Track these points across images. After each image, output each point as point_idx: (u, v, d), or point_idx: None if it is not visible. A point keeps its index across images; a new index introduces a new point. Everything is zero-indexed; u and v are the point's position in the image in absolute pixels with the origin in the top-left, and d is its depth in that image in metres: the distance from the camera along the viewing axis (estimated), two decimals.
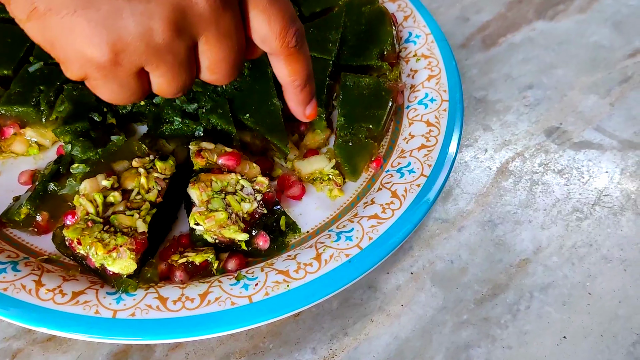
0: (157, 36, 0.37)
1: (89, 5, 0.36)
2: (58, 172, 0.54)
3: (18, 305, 0.46)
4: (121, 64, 0.38)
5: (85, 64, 0.38)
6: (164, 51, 0.38)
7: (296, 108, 0.50)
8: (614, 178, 0.65)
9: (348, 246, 0.51)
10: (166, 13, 0.37)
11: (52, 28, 0.37)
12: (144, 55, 0.38)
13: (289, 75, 0.46)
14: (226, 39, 0.40)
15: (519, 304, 0.55)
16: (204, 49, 0.40)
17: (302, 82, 0.46)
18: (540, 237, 0.60)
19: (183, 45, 0.39)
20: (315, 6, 0.68)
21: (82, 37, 0.37)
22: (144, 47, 0.37)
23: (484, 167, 0.65)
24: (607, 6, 0.83)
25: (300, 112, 0.50)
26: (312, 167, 0.58)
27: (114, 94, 0.40)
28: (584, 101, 0.72)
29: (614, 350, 0.52)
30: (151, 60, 0.38)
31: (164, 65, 0.39)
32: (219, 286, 0.48)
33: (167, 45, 0.38)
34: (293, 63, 0.45)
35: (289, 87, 0.47)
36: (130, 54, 0.37)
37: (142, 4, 0.36)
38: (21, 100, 0.56)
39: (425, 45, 0.67)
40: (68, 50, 0.38)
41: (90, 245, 0.47)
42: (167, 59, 0.39)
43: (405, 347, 0.52)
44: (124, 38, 0.37)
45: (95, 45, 0.37)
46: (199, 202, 0.51)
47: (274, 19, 0.41)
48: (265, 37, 0.42)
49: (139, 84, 0.40)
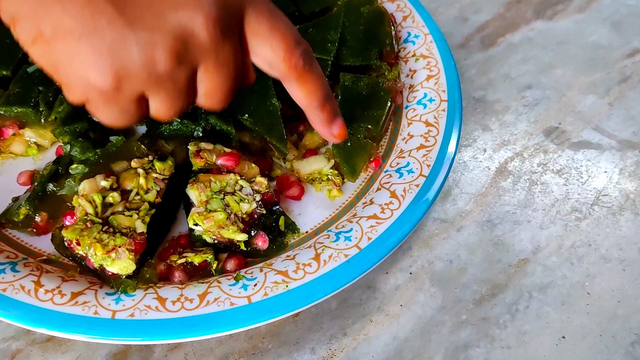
0: (159, 65, 0.38)
1: (94, 32, 0.37)
2: (57, 173, 0.54)
3: (17, 306, 0.46)
4: (123, 90, 0.39)
5: (87, 89, 0.39)
6: (165, 79, 0.39)
7: (322, 130, 0.49)
8: (612, 178, 0.65)
9: (347, 246, 0.51)
10: (169, 43, 0.38)
11: (56, 53, 0.38)
12: (146, 83, 0.39)
13: (305, 98, 0.45)
14: (224, 68, 0.41)
15: (517, 304, 0.55)
16: (202, 77, 0.41)
17: (320, 101, 0.46)
18: (539, 237, 0.60)
19: (183, 73, 0.39)
20: (314, 6, 0.68)
21: (86, 63, 0.37)
22: (146, 75, 0.38)
23: (483, 167, 0.65)
24: (606, 6, 0.83)
25: (327, 134, 0.49)
26: (311, 167, 0.58)
27: (113, 118, 0.41)
28: (582, 101, 0.72)
29: (613, 350, 0.53)
30: (152, 88, 0.39)
31: (164, 92, 0.40)
32: (218, 286, 0.49)
33: (168, 74, 0.39)
34: (306, 84, 0.44)
35: (308, 109, 0.47)
36: (132, 81, 0.38)
37: (147, 33, 0.37)
38: (20, 100, 0.56)
39: (424, 45, 0.67)
40: (71, 74, 0.38)
41: (89, 246, 0.47)
42: (167, 87, 0.39)
43: (404, 347, 0.52)
44: (127, 66, 0.37)
45: (99, 72, 0.37)
46: (198, 203, 0.51)
47: (277, 44, 0.42)
48: (272, 62, 0.43)
49: (138, 108, 0.41)
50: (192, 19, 0.38)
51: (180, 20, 0.38)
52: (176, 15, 0.38)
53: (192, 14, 0.38)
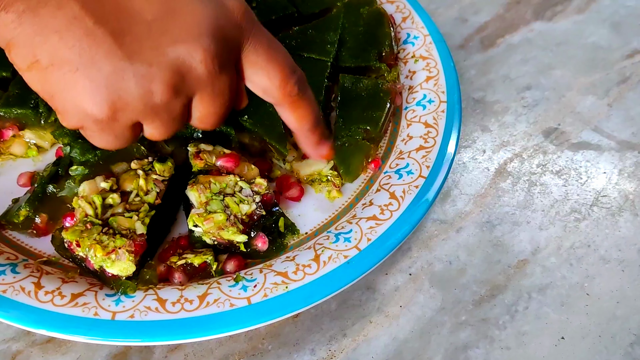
0: (156, 97, 0.38)
1: (91, 64, 0.37)
2: (57, 174, 0.54)
3: (17, 307, 0.46)
4: (118, 120, 0.39)
5: (83, 118, 0.39)
6: (161, 110, 0.39)
7: (310, 151, 0.52)
8: (612, 179, 0.65)
9: (347, 247, 0.51)
10: (167, 77, 0.38)
11: (52, 82, 0.38)
12: (142, 113, 0.39)
13: (296, 122, 0.47)
14: (219, 98, 0.41)
15: (517, 305, 0.55)
16: (197, 105, 0.42)
17: (311, 125, 0.48)
18: (538, 238, 0.60)
19: (179, 103, 0.40)
20: (313, 7, 0.68)
21: (82, 94, 0.37)
22: (142, 106, 0.39)
23: (482, 168, 0.66)
24: (605, 7, 0.83)
25: (314, 154, 0.52)
26: (311, 168, 0.59)
27: (108, 143, 0.42)
28: (582, 102, 0.72)
29: (612, 351, 0.53)
30: (147, 117, 0.40)
31: (159, 121, 0.40)
32: (218, 288, 0.49)
33: (164, 105, 0.39)
34: (298, 109, 0.46)
35: (298, 132, 0.49)
36: (129, 112, 0.39)
37: (145, 67, 0.37)
38: (20, 102, 0.56)
39: (424, 46, 0.67)
40: (67, 104, 0.38)
41: (89, 247, 0.47)
42: (162, 116, 0.40)
43: (404, 348, 0.52)
44: (124, 98, 0.38)
45: (96, 104, 0.38)
46: (198, 204, 0.51)
47: (273, 74, 0.43)
48: (267, 90, 0.44)
49: (132, 134, 0.41)
50: (190, 54, 0.38)
51: (178, 55, 0.38)
52: (175, 50, 0.38)
53: (191, 50, 0.38)
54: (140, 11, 0.38)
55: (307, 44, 0.63)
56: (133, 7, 0.38)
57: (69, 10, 0.36)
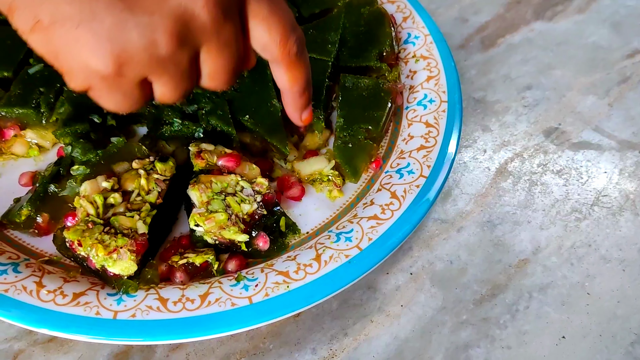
0: (160, 48, 0.38)
1: (93, 18, 0.36)
2: (58, 174, 0.54)
3: (19, 307, 0.46)
4: (125, 75, 0.38)
5: (89, 76, 0.38)
6: (167, 62, 0.39)
7: (293, 113, 0.50)
8: (612, 178, 0.65)
9: (348, 247, 0.51)
10: (169, 25, 0.37)
11: (56, 40, 0.37)
12: (148, 66, 0.38)
13: (288, 82, 0.46)
14: (226, 49, 0.41)
15: (518, 304, 0.55)
16: (205, 58, 0.41)
17: (301, 88, 0.47)
18: (539, 238, 0.60)
19: (185, 55, 0.39)
20: (314, 7, 0.68)
21: (86, 49, 0.37)
22: (147, 58, 0.38)
23: (483, 168, 0.66)
24: (606, 7, 0.83)
25: (296, 117, 0.51)
26: (312, 168, 0.59)
27: (117, 103, 0.41)
28: (582, 102, 0.72)
29: (613, 350, 0.53)
30: (155, 71, 0.39)
31: (167, 75, 0.40)
32: (219, 287, 0.49)
33: (170, 56, 0.38)
34: (293, 70, 0.45)
35: (288, 93, 0.48)
36: (134, 66, 0.38)
37: (146, 16, 0.37)
38: (21, 102, 0.56)
39: (424, 46, 0.67)
40: (72, 62, 0.38)
41: (90, 247, 0.47)
42: (170, 69, 0.39)
43: (405, 347, 0.52)
44: (128, 50, 0.37)
45: (100, 58, 0.37)
46: (199, 204, 0.51)
47: (274, 28, 0.42)
48: (266, 45, 0.43)
49: (141, 93, 0.40)
50: (192, 1, 0.38)
51: (180, 2, 0.37)
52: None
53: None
54: None
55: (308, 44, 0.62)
56: None
57: None
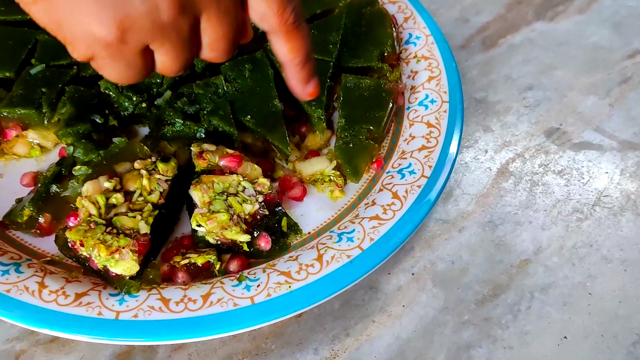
0: (162, 14, 0.38)
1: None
2: (60, 174, 0.54)
3: (21, 307, 0.46)
4: (128, 42, 0.39)
5: (92, 43, 0.39)
6: (168, 28, 0.39)
7: (296, 86, 0.49)
8: (613, 179, 0.65)
9: (349, 247, 0.51)
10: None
11: (58, 9, 0.38)
12: (150, 33, 0.39)
13: (288, 53, 0.45)
14: (226, 17, 0.41)
15: (519, 305, 0.55)
16: (205, 27, 0.41)
17: (302, 59, 0.46)
18: (540, 238, 0.60)
19: (186, 22, 0.40)
20: (315, 8, 0.68)
21: (89, 16, 0.37)
22: (150, 24, 0.38)
23: (485, 168, 0.66)
24: (606, 7, 0.83)
25: (300, 91, 0.49)
26: (313, 168, 0.59)
27: (120, 73, 0.41)
28: (583, 102, 0.72)
29: (615, 350, 0.53)
30: (157, 38, 0.39)
31: (169, 43, 0.40)
32: (221, 287, 0.49)
33: (171, 23, 0.39)
34: (292, 40, 0.45)
35: (288, 65, 0.47)
36: (137, 32, 0.38)
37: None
38: (23, 102, 0.56)
39: (426, 46, 0.67)
40: (75, 29, 0.38)
41: (92, 247, 0.47)
42: (171, 37, 0.40)
43: (407, 347, 0.52)
44: (131, 16, 0.37)
45: (103, 24, 0.37)
46: (201, 204, 0.51)
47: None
48: (264, 14, 0.43)
49: (144, 62, 0.41)
50: None
51: None
52: None
53: None
54: None
55: None
56: None
57: None
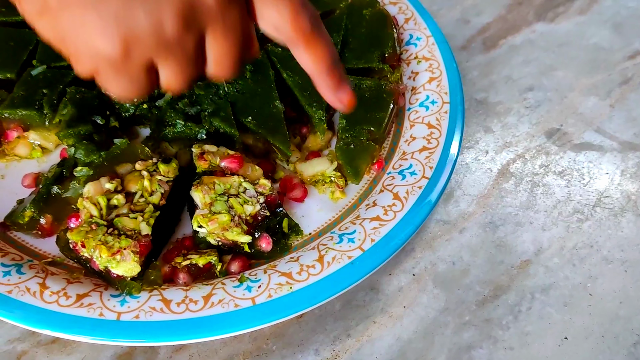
0: (167, 30, 0.38)
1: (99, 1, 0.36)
2: (61, 175, 0.54)
3: (23, 308, 0.46)
4: (132, 58, 0.38)
5: (96, 59, 0.38)
6: (173, 45, 0.39)
7: (328, 96, 0.46)
8: (614, 179, 0.65)
9: (350, 248, 0.51)
10: (176, 7, 0.37)
11: (63, 23, 0.37)
12: (155, 49, 0.38)
13: (312, 63, 0.43)
14: (232, 33, 0.40)
15: (520, 305, 0.55)
16: (210, 43, 0.40)
17: (328, 66, 0.44)
18: (541, 239, 0.60)
19: (192, 38, 0.39)
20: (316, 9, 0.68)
21: (93, 31, 0.37)
22: (154, 40, 0.38)
23: (485, 169, 0.66)
24: (607, 8, 0.83)
25: (333, 100, 0.46)
26: (314, 169, 0.59)
27: (123, 89, 0.41)
28: (584, 103, 0.72)
29: (615, 351, 0.53)
30: (161, 54, 0.39)
31: (173, 59, 0.39)
32: (222, 288, 0.49)
33: (176, 39, 0.38)
34: (313, 48, 0.42)
35: (315, 75, 0.45)
36: (141, 48, 0.38)
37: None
38: (24, 103, 0.56)
39: (426, 47, 0.67)
40: (79, 44, 0.38)
41: (94, 248, 0.47)
42: (176, 53, 0.39)
43: (408, 348, 0.52)
44: (135, 32, 0.37)
45: (107, 39, 0.37)
46: (202, 205, 0.51)
47: (282, 6, 0.41)
48: (278, 25, 0.42)
49: (148, 78, 0.40)
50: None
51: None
52: None
53: None
54: None
55: None
56: None
57: None
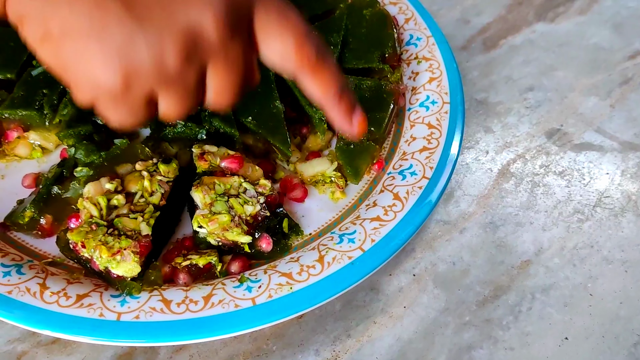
0: (169, 64, 0.38)
1: (102, 31, 0.36)
2: (62, 176, 0.54)
3: (23, 308, 0.46)
4: (132, 90, 0.38)
5: (96, 89, 0.38)
6: (174, 78, 0.38)
7: (341, 124, 0.45)
8: (614, 179, 0.65)
9: (351, 248, 0.51)
10: (179, 42, 0.37)
11: (65, 53, 0.37)
12: (155, 82, 0.38)
13: (320, 91, 0.43)
14: (233, 66, 0.40)
15: (520, 306, 0.55)
16: (211, 76, 0.40)
17: (335, 93, 0.43)
18: (541, 239, 0.60)
19: (192, 72, 0.39)
20: (316, 9, 0.68)
21: (94, 62, 0.37)
22: (155, 74, 0.38)
23: (485, 169, 0.66)
24: (607, 8, 0.83)
25: (346, 127, 0.46)
26: (315, 169, 0.59)
27: (122, 118, 0.41)
28: (584, 103, 0.72)
29: (616, 351, 0.53)
30: (162, 87, 0.39)
31: (173, 91, 0.39)
32: (223, 288, 0.49)
33: (177, 73, 0.38)
34: (319, 76, 0.42)
35: (324, 103, 0.44)
36: (142, 81, 0.38)
37: (156, 32, 0.37)
38: (24, 103, 0.56)
39: (427, 47, 0.67)
40: (80, 75, 0.38)
41: (94, 248, 0.47)
42: (176, 86, 0.39)
43: (408, 348, 0.52)
44: (137, 65, 0.37)
45: (108, 71, 0.37)
46: (202, 205, 0.51)
47: (286, 37, 0.41)
48: (282, 56, 0.42)
49: (147, 109, 0.40)
50: (201, 18, 0.38)
51: (189, 19, 0.37)
52: (186, 14, 0.37)
53: (202, 13, 0.38)
54: None
55: None
56: None
57: None
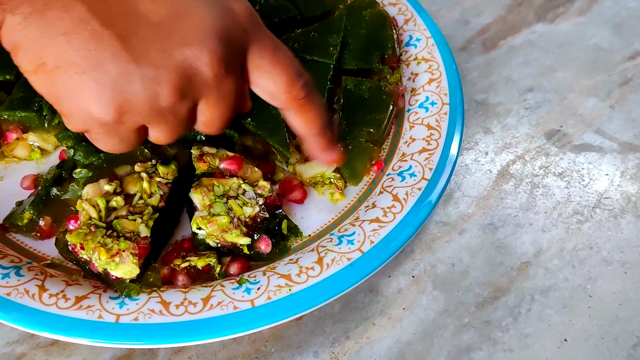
0: (162, 100, 0.38)
1: (98, 67, 0.37)
2: (61, 177, 0.54)
3: (21, 310, 0.46)
4: (124, 123, 0.39)
5: (88, 121, 0.39)
6: (167, 112, 0.39)
7: (318, 155, 0.50)
8: (614, 181, 0.65)
9: (350, 250, 0.51)
10: (173, 80, 0.38)
11: (58, 84, 0.38)
12: (148, 116, 0.39)
13: (303, 126, 0.47)
14: (225, 101, 0.41)
15: (520, 307, 0.55)
16: (203, 109, 0.42)
17: (318, 130, 0.47)
18: (541, 240, 0.60)
19: (185, 106, 0.40)
20: (316, 10, 0.68)
21: (89, 96, 0.37)
22: (148, 109, 0.38)
23: (485, 170, 0.66)
24: (607, 8, 0.83)
25: (322, 159, 0.51)
26: (314, 170, 0.59)
27: (113, 147, 0.42)
28: (584, 104, 0.72)
29: (615, 353, 0.53)
30: (154, 121, 0.40)
31: (165, 124, 0.40)
32: (222, 290, 0.49)
33: (170, 108, 0.39)
34: (305, 114, 0.45)
35: (306, 137, 0.48)
36: (135, 115, 0.39)
37: (151, 69, 0.37)
38: (23, 105, 0.56)
39: (426, 48, 0.67)
40: (73, 107, 0.38)
41: (93, 250, 0.47)
42: (168, 119, 0.40)
43: (407, 350, 0.52)
44: (131, 101, 0.38)
45: (102, 106, 0.37)
46: (201, 207, 0.51)
47: (278, 77, 0.43)
48: (273, 94, 0.44)
49: (137, 137, 0.41)
50: (197, 57, 0.38)
51: (185, 58, 0.38)
52: (181, 53, 0.38)
53: (198, 52, 0.38)
54: (146, 14, 0.38)
55: (309, 47, 0.64)
56: (140, 10, 0.38)
57: (76, 13, 0.36)
